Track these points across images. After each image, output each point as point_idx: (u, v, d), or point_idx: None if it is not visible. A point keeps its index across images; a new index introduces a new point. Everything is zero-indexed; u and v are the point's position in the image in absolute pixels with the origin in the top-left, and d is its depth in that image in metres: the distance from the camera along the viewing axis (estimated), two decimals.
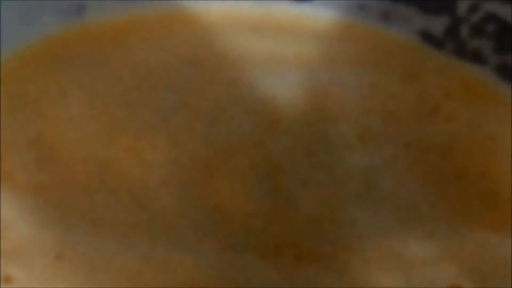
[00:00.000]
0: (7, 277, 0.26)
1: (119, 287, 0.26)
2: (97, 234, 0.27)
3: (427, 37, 0.31)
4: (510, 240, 0.27)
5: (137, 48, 0.30)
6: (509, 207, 0.28)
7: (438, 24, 0.31)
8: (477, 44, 0.30)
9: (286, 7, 0.31)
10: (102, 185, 0.27)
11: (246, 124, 0.29)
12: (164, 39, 0.30)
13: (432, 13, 0.30)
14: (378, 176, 0.28)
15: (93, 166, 0.28)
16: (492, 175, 0.29)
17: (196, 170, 0.28)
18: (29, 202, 0.27)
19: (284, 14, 0.31)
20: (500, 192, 0.28)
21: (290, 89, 0.30)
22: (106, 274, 0.26)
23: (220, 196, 0.28)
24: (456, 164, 0.29)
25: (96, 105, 0.29)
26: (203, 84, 0.29)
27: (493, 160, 0.29)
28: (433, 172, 0.28)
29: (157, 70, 0.29)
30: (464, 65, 0.30)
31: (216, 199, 0.28)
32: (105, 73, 0.29)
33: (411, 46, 0.31)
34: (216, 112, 0.29)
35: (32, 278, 0.26)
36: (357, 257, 0.27)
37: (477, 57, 0.30)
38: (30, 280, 0.26)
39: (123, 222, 0.27)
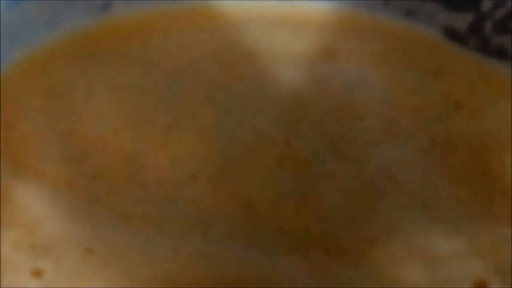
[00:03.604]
0: (37, 271, 0.25)
1: (149, 280, 0.25)
2: (126, 228, 0.26)
3: (451, 33, 0.30)
4: None
5: (164, 44, 0.29)
6: None
7: (462, 21, 0.30)
8: (500, 40, 0.29)
9: (311, 3, 0.30)
10: (131, 179, 0.27)
11: (273, 119, 0.28)
12: (190, 35, 0.29)
13: (456, 9, 0.30)
14: (404, 171, 0.27)
15: (122, 161, 0.27)
16: None
17: (224, 165, 0.27)
18: (59, 197, 0.26)
19: (309, 10, 0.30)
20: None
21: (316, 85, 0.29)
22: (135, 267, 0.25)
23: (248, 190, 0.27)
24: (481, 160, 0.28)
25: (124, 100, 0.28)
26: (230, 79, 0.29)
27: None
28: (458, 168, 0.28)
29: (184, 65, 0.29)
30: (487, 61, 0.30)
31: (244, 193, 0.27)
32: (133, 69, 0.28)
33: (435, 42, 0.30)
34: (243, 107, 0.28)
35: (62, 272, 0.25)
36: (384, 252, 0.26)
37: (500, 53, 0.30)
38: (60, 274, 0.25)
39: (153, 216, 0.26)
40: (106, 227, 0.26)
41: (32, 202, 0.26)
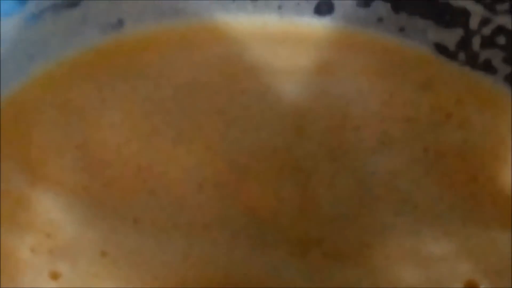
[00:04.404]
0: (55, 273, 0.27)
1: (159, 282, 0.26)
2: (138, 233, 0.27)
3: (441, 48, 0.31)
4: None
5: (172, 59, 0.30)
6: None
7: (451, 37, 0.31)
8: (488, 55, 0.31)
9: (309, 20, 0.32)
10: (142, 187, 0.28)
11: (274, 130, 0.29)
12: (196, 50, 0.31)
13: (446, 26, 0.31)
14: (398, 179, 0.29)
15: (133, 169, 0.28)
16: (503, 177, 0.29)
17: (229, 173, 0.28)
18: (75, 204, 0.27)
19: (307, 27, 0.32)
20: (511, 193, 0.29)
21: (315, 98, 0.30)
22: (147, 269, 0.27)
23: (251, 197, 0.28)
24: (470, 168, 0.29)
25: (135, 112, 0.29)
26: (234, 93, 0.30)
27: (504, 163, 0.30)
28: (449, 175, 0.29)
29: (191, 79, 0.30)
30: (475, 75, 0.31)
31: (247, 200, 0.28)
32: (143, 82, 0.30)
33: (426, 57, 0.31)
34: (247, 119, 0.29)
35: (78, 273, 0.26)
36: (379, 254, 0.27)
37: (488, 67, 0.31)
38: (76, 276, 0.26)
39: (162, 221, 0.27)
40: (119, 231, 0.27)
41: (50, 208, 0.27)
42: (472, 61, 0.31)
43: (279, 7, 0.32)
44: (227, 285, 0.26)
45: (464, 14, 0.30)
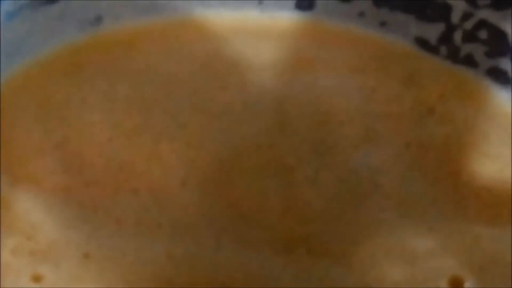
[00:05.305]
0: (37, 276, 0.26)
1: (143, 283, 0.26)
2: (121, 233, 0.27)
3: (422, 43, 0.31)
4: (506, 233, 0.27)
5: (152, 56, 0.30)
6: (503, 202, 0.28)
7: (433, 31, 0.31)
8: (470, 49, 0.31)
9: (290, 15, 0.31)
10: (124, 186, 0.27)
11: (257, 126, 0.29)
12: (176, 47, 0.30)
13: (427, 20, 0.31)
14: (382, 175, 0.28)
15: (115, 169, 0.28)
16: (486, 172, 0.29)
17: (213, 171, 0.28)
18: (56, 204, 0.27)
19: (288, 21, 0.31)
20: (494, 188, 0.29)
21: (297, 93, 0.30)
22: (130, 271, 0.26)
23: (236, 195, 0.28)
24: (453, 162, 0.29)
25: (116, 110, 0.28)
26: (216, 89, 0.29)
27: (487, 157, 0.29)
28: (432, 170, 0.29)
29: (171, 76, 0.29)
30: (457, 69, 0.31)
31: (231, 197, 0.28)
32: (123, 80, 0.29)
33: (408, 51, 0.31)
34: (229, 115, 0.29)
35: (61, 276, 0.26)
36: (364, 251, 0.27)
37: (470, 62, 0.31)
38: (59, 279, 0.26)
39: (146, 221, 0.27)
40: (102, 232, 0.26)
41: (31, 210, 0.26)
42: (454, 56, 0.31)
43: (260, 2, 0.31)
44: (213, 284, 0.26)
45: (446, 8, 0.30)
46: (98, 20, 0.30)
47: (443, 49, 0.31)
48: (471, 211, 0.28)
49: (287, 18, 0.31)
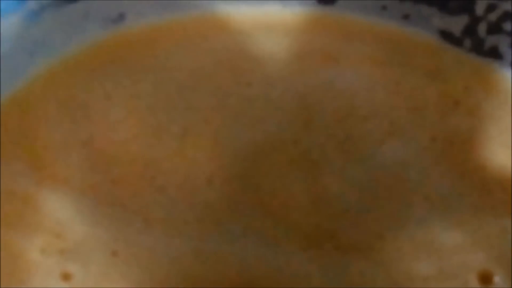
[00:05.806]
0: (66, 274, 0.26)
1: (171, 280, 0.26)
2: (149, 231, 0.27)
3: (446, 35, 0.30)
4: None
5: (175, 52, 0.29)
6: None
7: (457, 23, 0.30)
8: (494, 41, 0.30)
9: (313, 8, 0.31)
10: (151, 184, 0.27)
11: (282, 122, 0.29)
12: (199, 43, 0.30)
13: (451, 13, 0.30)
14: (408, 169, 0.28)
15: (141, 166, 0.27)
16: None
17: (238, 168, 0.28)
18: (84, 202, 0.27)
19: (311, 15, 0.31)
20: None
21: (321, 88, 0.29)
22: (159, 268, 0.26)
23: (262, 191, 0.28)
24: (479, 155, 0.29)
25: (140, 108, 0.28)
26: (239, 85, 0.29)
27: None
28: (458, 164, 0.28)
29: (195, 73, 0.29)
30: (482, 61, 0.30)
31: (257, 194, 0.27)
32: (146, 77, 0.29)
33: (431, 44, 0.30)
34: (253, 112, 0.29)
35: (89, 274, 0.26)
36: (392, 246, 0.27)
37: (494, 53, 0.30)
38: (88, 276, 0.26)
39: (173, 218, 0.27)
40: (130, 230, 0.26)
41: (58, 208, 0.26)
42: (478, 48, 0.30)
43: None
44: (240, 281, 0.26)
45: (470, 1, 0.30)
46: (121, 17, 0.29)
47: (467, 42, 0.30)
48: (498, 203, 0.28)
49: (309, 13, 0.31)
